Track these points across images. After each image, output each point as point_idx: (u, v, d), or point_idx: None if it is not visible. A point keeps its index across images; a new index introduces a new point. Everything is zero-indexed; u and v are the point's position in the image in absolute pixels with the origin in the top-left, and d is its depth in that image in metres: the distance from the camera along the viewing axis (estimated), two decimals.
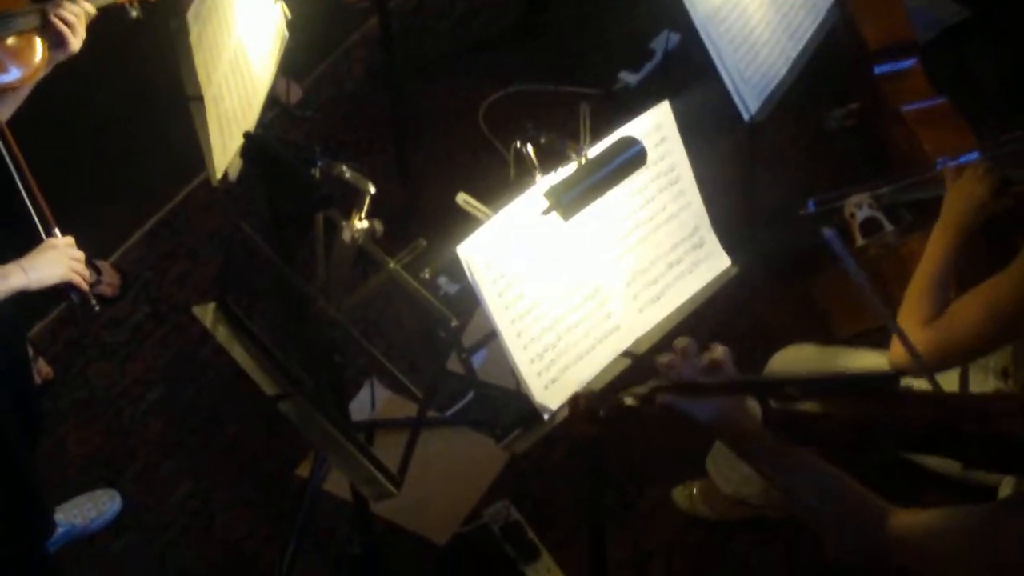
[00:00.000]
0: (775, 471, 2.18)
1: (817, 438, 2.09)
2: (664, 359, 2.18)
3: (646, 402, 2.17)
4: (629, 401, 2.19)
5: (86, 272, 2.92)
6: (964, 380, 2.38)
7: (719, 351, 2.16)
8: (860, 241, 3.33)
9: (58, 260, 2.89)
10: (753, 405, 2.13)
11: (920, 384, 2.75)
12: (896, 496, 2.16)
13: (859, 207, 3.35)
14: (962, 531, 2.03)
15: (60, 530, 3.59)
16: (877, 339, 3.23)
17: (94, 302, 2.94)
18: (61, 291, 2.95)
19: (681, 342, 2.17)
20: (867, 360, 3.05)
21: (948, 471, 2.89)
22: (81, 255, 2.93)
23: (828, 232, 2.17)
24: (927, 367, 2.60)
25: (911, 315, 2.79)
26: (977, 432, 1.95)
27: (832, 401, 2.05)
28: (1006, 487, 2.58)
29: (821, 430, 2.06)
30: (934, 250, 2.86)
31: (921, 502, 2.09)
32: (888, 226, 3.33)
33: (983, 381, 2.85)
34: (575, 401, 2.27)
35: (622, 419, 2.22)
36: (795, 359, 3.17)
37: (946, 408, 2.04)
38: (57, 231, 2.94)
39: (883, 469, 2.91)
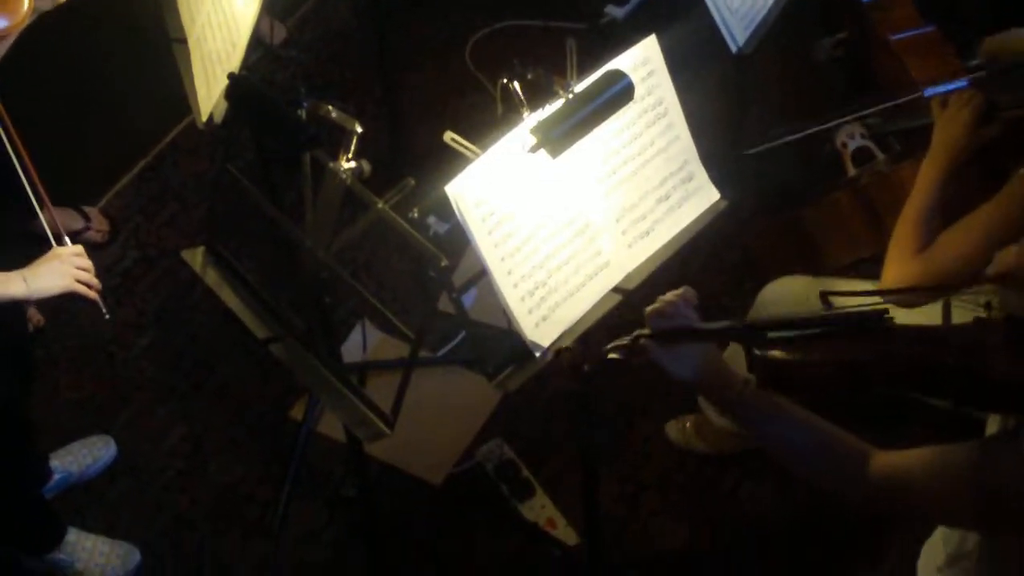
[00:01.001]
0: (755, 420, 2.19)
1: (804, 383, 2.09)
2: (650, 308, 2.19)
3: (630, 353, 2.17)
4: (613, 354, 2.19)
5: (94, 280, 2.88)
6: (947, 314, 2.38)
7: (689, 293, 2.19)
8: (852, 170, 3.32)
9: (61, 271, 2.84)
10: (734, 354, 2.13)
11: (904, 317, 2.75)
12: (882, 432, 2.17)
13: (851, 137, 3.34)
14: (948, 470, 2.04)
15: (56, 477, 3.60)
16: (868, 269, 3.24)
17: (104, 311, 2.92)
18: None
19: (671, 295, 2.19)
20: (859, 289, 3.05)
21: (936, 403, 2.90)
22: (89, 264, 2.88)
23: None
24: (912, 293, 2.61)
25: (902, 245, 2.79)
26: (962, 365, 1.95)
27: (818, 343, 2.05)
28: (993, 424, 2.58)
29: (808, 375, 2.06)
30: (924, 179, 2.85)
31: (907, 439, 2.10)
32: (879, 155, 3.32)
33: (967, 314, 2.85)
34: (559, 356, 2.27)
35: (607, 372, 2.23)
36: (785, 291, 3.18)
37: (931, 342, 2.04)
38: (67, 240, 2.90)
39: (869, 407, 2.94)
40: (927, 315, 2.79)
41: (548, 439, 3.70)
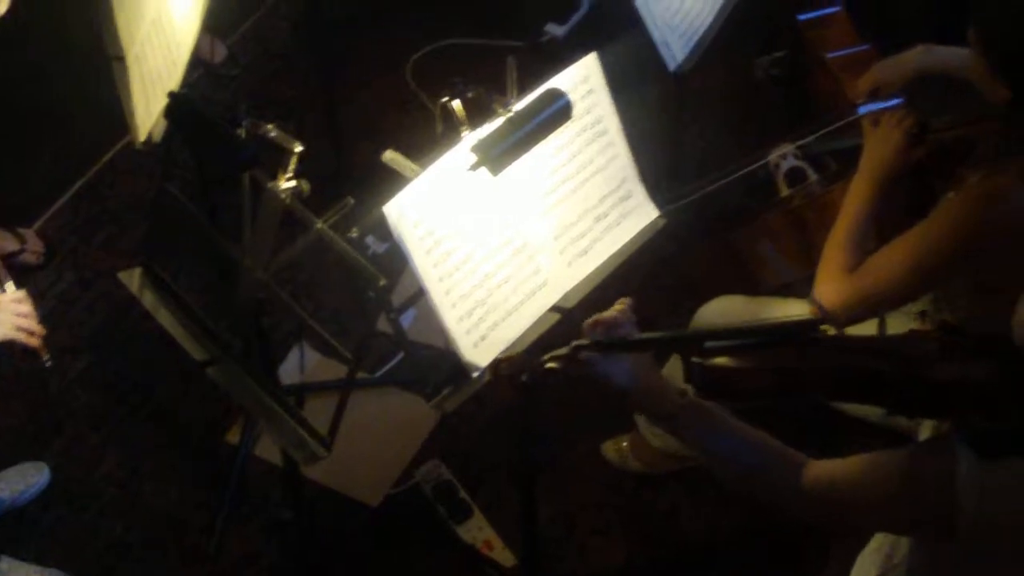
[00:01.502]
0: (691, 431, 2.20)
1: (742, 391, 2.10)
2: (589, 320, 2.19)
3: (568, 363, 2.17)
4: (551, 364, 2.19)
5: (36, 327, 2.84)
6: (882, 325, 2.40)
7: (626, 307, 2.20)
8: (785, 191, 3.34)
9: None
10: (672, 367, 2.14)
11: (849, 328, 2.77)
12: (819, 447, 2.18)
13: (784, 157, 3.36)
14: (880, 476, 2.06)
15: None
16: (802, 289, 3.25)
17: (46, 358, 2.88)
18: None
19: (618, 305, 2.20)
20: (793, 310, 3.07)
21: (869, 417, 2.91)
22: (29, 310, 2.84)
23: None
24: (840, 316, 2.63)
25: (831, 265, 2.80)
26: (897, 375, 1.97)
27: (755, 353, 2.06)
28: (925, 432, 2.60)
29: (745, 382, 2.07)
30: (854, 198, 2.87)
31: (844, 452, 2.11)
32: (812, 175, 3.34)
33: (901, 325, 2.87)
34: (497, 366, 2.27)
35: (545, 383, 2.22)
36: (722, 311, 3.19)
37: (866, 352, 2.06)
38: (9, 285, 2.86)
39: (805, 420, 2.95)
40: (863, 326, 2.82)
41: (486, 460, 3.69)
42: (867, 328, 2.84)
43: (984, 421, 1.94)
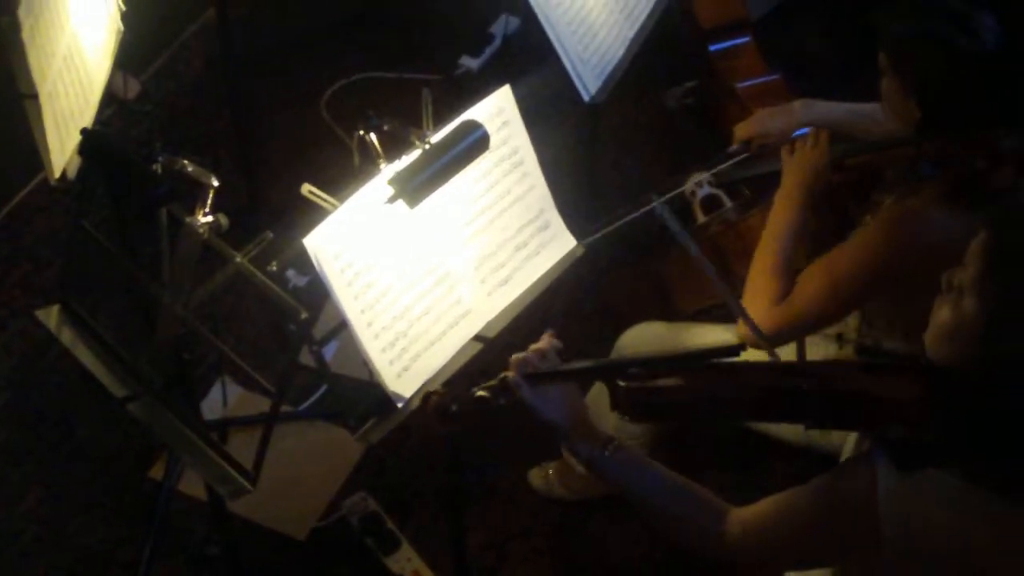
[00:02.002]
0: (617, 475, 2.23)
1: (666, 415, 2.13)
2: (517, 355, 2.21)
3: (497, 393, 2.19)
4: (480, 393, 2.20)
5: None
6: (801, 347, 2.44)
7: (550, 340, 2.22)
8: (701, 219, 3.38)
9: None
10: (596, 396, 2.16)
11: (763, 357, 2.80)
12: (741, 471, 2.21)
13: (699, 185, 3.41)
14: (802, 510, 2.10)
15: None
16: (721, 314, 3.30)
17: None
18: None
19: (543, 340, 2.22)
20: (713, 335, 3.11)
21: (791, 440, 2.95)
22: None
23: (659, 207, 2.21)
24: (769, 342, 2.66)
25: (757, 296, 2.83)
26: (816, 390, 2.01)
27: (679, 377, 2.09)
28: (848, 449, 2.65)
29: (669, 407, 2.10)
30: (776, 224, 2.91)
31: (766, 475, 2.15)
32: (728, 202, 3.39)
33: (819, 348, 2.92)
34: (426, 399, 2.28)
35: (474, 414, 2.24)
36: (643, 337, 3.22)
37: (786, 371, 2.10)
38: None
39: (728, 446, 2.98)
40: (782, 350, 2.86)
41: (413, 490, 3.69)
42: (787, 351, 2.89)
43: (902, 433, 1.98)
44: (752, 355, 2.85)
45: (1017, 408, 1.88)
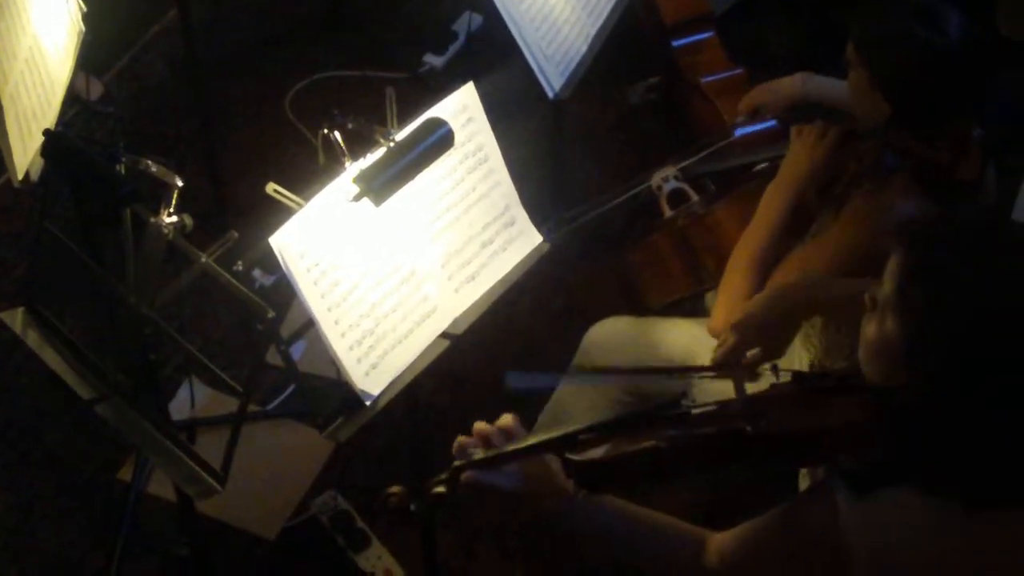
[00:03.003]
0: (588, 525, 2.23)
1: (619, 480, 2.13)
2: (461, 439, 2.20)
3: (453, 484, 2.18)
4: (438, 489, 2.20)
5: None
6: (739, 386, 2.44)
7: (507, 418, 2.20)
8: (668, 212, 3.40)
9: None
10: (554, 462, 2.16)
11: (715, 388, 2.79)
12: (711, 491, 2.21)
13: (665, 180, 3.42)
14: (769, 539, 2.11)
15: None
16: (688, 307, 3.31)
17: None
18: None
19: (478, 427, 2.21)
20: (680, 328, 3.12)
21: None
22: None
23: (511, 377, 2.24)
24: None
25: (732, 294, 2.83)
26: (757, 434, 2.01)
27: (623, 439, 2.09)
28: (804, 478, 2.66)
29: (620, 471, 2.10)
30: (762, 215, 2.89)
31: (733, 495, 2.15)
32: (694, 196, 3.40)
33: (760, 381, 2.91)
34: (387, 500, 2.27)
35: (435, 508, 2.23)
36: (610, 333, 3.22)
37: (725, 415, 2.10)
38: None
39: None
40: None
41: (383, 488, 3.69)
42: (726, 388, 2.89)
43: (853, 459, 1.99)
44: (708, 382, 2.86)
45: (956, 421, 1.87)
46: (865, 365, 1.98)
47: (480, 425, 2.20)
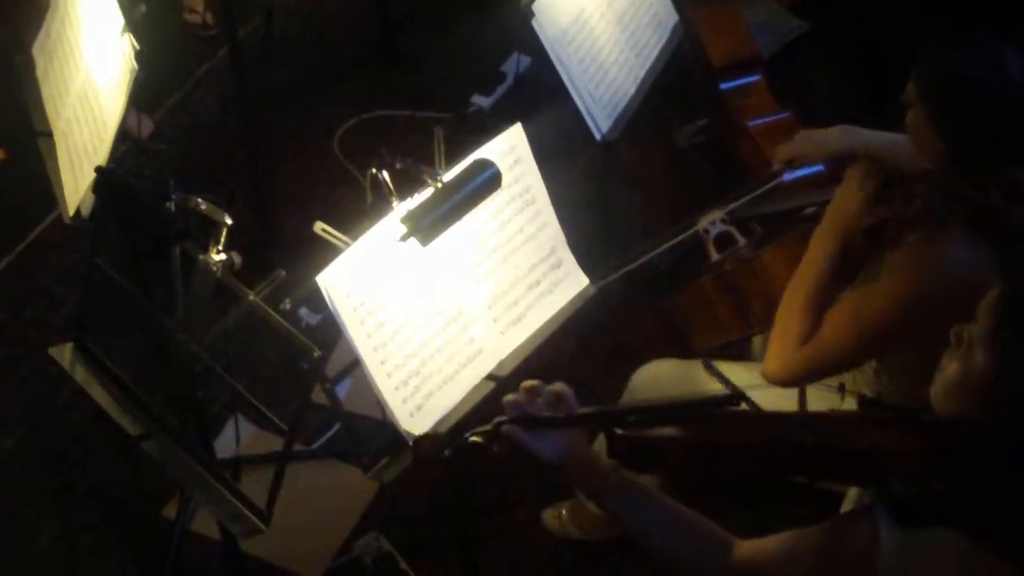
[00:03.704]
0: (620, 506, 2.21)
1: (664, 464, 2.11)
2: (509, 397, 2.19)
3: (492, 438, 2.17)
4: (474, 439, 2.19)
5: None
6: (802, 399, 2.43)
7: (560, 385, 2.19)
8: (715, 255, 3.38)
9: None
10: (599, 441, 2.15)
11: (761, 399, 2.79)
12: (748, 509, 2.20)
13: (712, 223, 3.40)
14: (804, 551, 2.08)
15: None
16: (735, 351, 3.29)
17: None
18: None
19: (527, 383, 2.19)
20: (727, 373, 3.10)
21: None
22: None
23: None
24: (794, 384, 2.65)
25: (785, 337, 2.81)
26: (816, 443, 2.00)
27: (677, 426, 2.08)
28: (848, 502, 2.64)
29: (668, 456, 2.09)
30: (810, 260, 2.88)
31: (772, 514, 2.13)
32: (741, 239, 3.39)
33: (821, 397, 2.90)
34: (419, 444, 2.26)
35: (469, 458, 2.22)
36: (656, 376, 3.21)
37: (786, 423, 2.09)
38: None
39: (740, 487, 2.96)
40: (783, 396, 2.84)
41: (426, 530, 3.68)
42: (789, 397, 2.87)
43: (904, 487, 1.97)
44: (771, 395, 2.85)
45: (1020, 466, 1.86)
46: (941, 400, 1.98)
47: (529, 383, 2.19)
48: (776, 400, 2.83)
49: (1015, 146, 2.63)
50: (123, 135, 3.12)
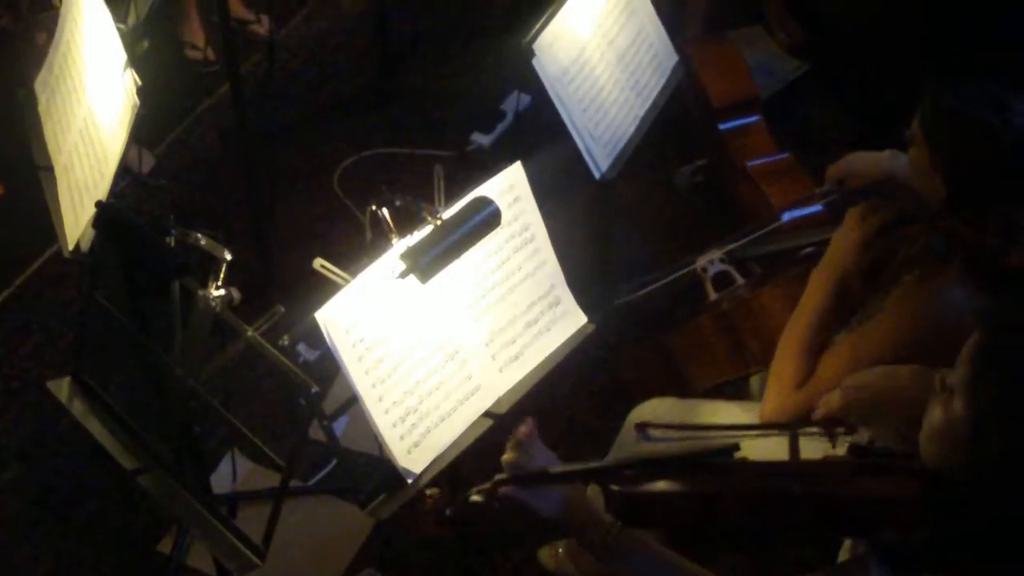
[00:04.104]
0: (620, 560, 2.21)
1: (660, 518, 2.11)
2: (507, 456, 2.20)
3: (491, 497, 2.18)
4: (475, 498, 2.19)
5: None
6: (794, 447, 2.42)
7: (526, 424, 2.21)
8: (713, 295, 3.39)
9: None
10: (595, 493, 2.15)
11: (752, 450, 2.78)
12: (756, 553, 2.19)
13: (711, 263, 3.41)
14: None
15: None
16: (733, 391, 3.29)
17: None
18: None
19: (515, 438, 2.21)
20: (724, 411, 3.10)
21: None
22: None
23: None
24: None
25: (782, 379, 2.81)
26: (806, 493, 2.00)
27: (671, 480, 2.08)
28: (845, 551, 2.63)
29: (663, 510, 2.09)
30: (815, 292, 2.88)
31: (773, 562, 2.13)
32: (739, 279, 3.39)
33: (810, 444, 2.89)
34: (422, 501, 2.27)
35: (470, 517, 2.23)
36: (654, 415, 3.20)
37: (778, 473, 2.09)
38: None
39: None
40: (776, 445, 2.83)
41: (422, 567, 3.67)
42: (781, 446, 2.87)
43: (895, 536, 1.97)
44: (763, 440, 2.85)
45: (1006, 513, 1.86)
46: (926, 446, 1.98)
47: (523, 431, 2.24)
48: (769, 445, 2.82)
49: (1013, 187, 2.64)
50: (123, 170, 3.12)
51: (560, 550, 3.63)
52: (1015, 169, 2.62)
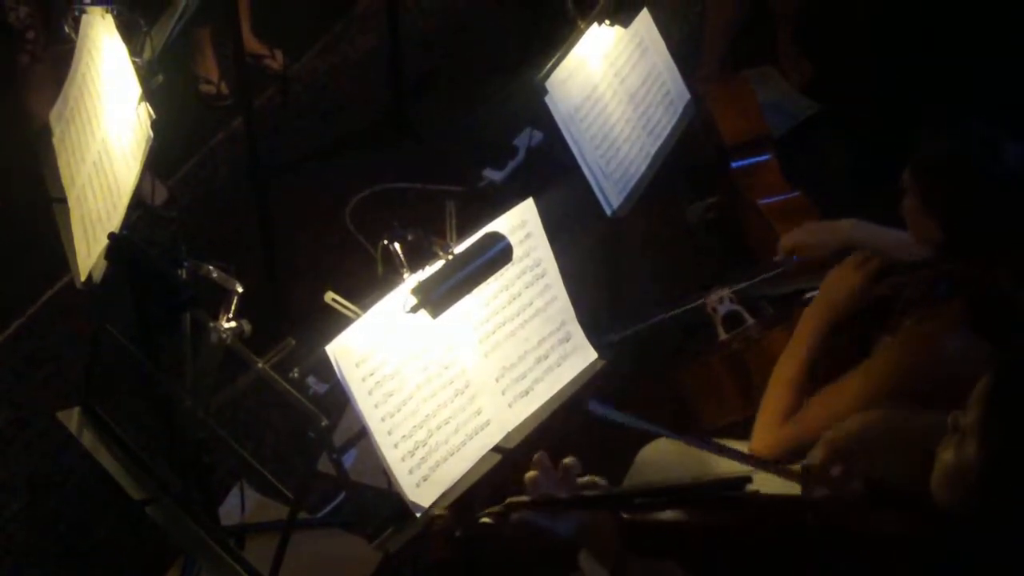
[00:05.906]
0: None
1: (671, 547, 2.11)
2: (529, 476, 2.20)
3: (503, 520, 2.18)
4: (485, 520, 2.19)
5: None
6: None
7: (569, 460, 2.20)
8: (723, 334, 3.39)
9: None
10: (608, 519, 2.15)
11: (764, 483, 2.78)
12: None
13: (721, 302, 3.41)
14: None
15: None
16: (741, 430, 3.28)
17: None
18: None
19: (531, 473, 2.20)
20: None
21: None
22: None
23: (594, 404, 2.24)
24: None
25: (772, 411, 2.83)
26: (820, 525, 1.99)
27: (682, 509, 2.08)
28: None
29: (674, 539, 2.09)
30: (800, 339, 2.90)
31: None
32: (749, 319, 3.39)
33: None
34: (431, 522, 2.27)
35: (480, 539, 2.22)
36: (662, 452, 3.20)
37: (790, 505, 2.09)
38: None
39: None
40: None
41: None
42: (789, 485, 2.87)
43: (906, 570, 1.97)
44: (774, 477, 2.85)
45: (1013, 555, 1.85)
46: (937, 488, 1.97)
47: (536, 461, 2.20)
48: (780, 480, 2.83)
49: (1008, 234, 2.64)
50: (136, 202, 3.14)
51: None
52: (1008, 208, 2.61)
